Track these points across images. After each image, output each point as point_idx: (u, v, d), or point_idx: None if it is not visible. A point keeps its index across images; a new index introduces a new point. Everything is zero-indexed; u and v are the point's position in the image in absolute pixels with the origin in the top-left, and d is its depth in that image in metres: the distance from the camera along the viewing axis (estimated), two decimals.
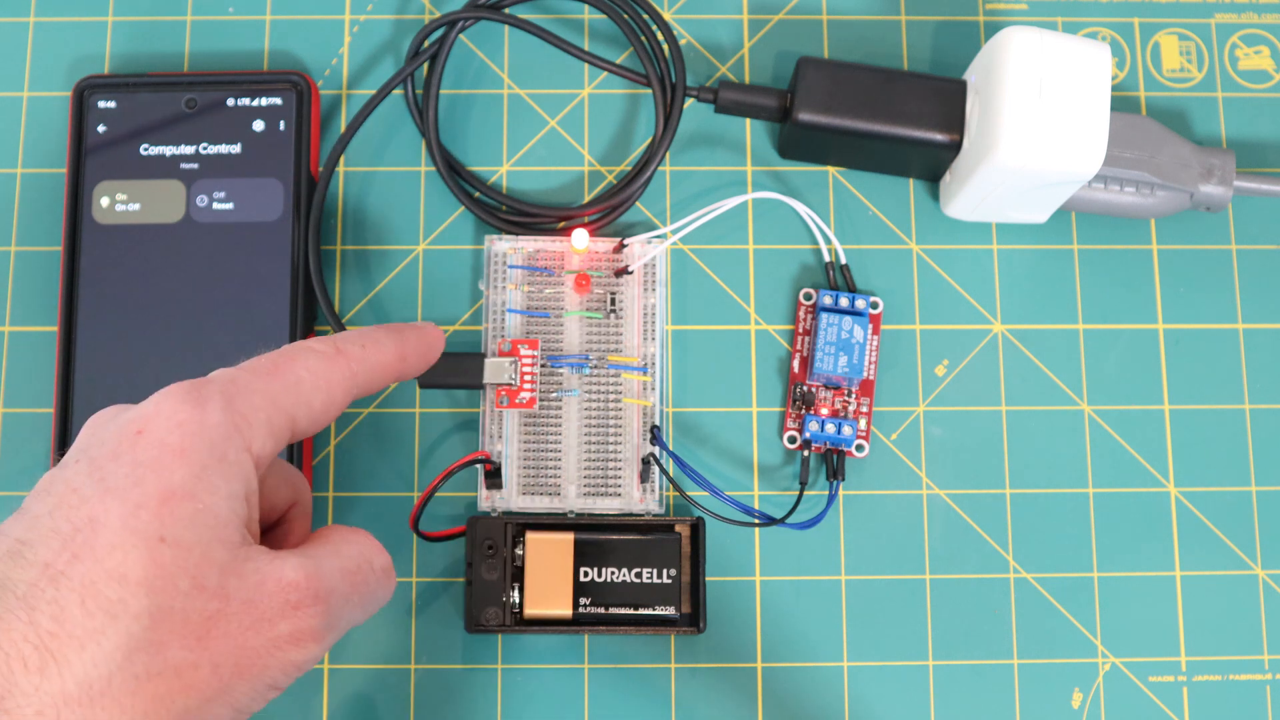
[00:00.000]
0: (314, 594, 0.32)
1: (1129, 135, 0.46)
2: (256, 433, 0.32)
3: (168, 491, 0.30)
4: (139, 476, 0.30)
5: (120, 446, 0.31)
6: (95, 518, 0.30)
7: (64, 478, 0.31)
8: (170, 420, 0.31)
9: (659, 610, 0.43)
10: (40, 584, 0.29)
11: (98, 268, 0.46)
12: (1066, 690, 0.45)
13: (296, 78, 0.47)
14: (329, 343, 0.35)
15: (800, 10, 0.50)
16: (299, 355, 0.34)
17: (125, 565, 0.29)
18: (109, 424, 0.32)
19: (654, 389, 0.46)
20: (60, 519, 0.30)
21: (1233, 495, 0.47)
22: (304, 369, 0.34)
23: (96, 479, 0.30)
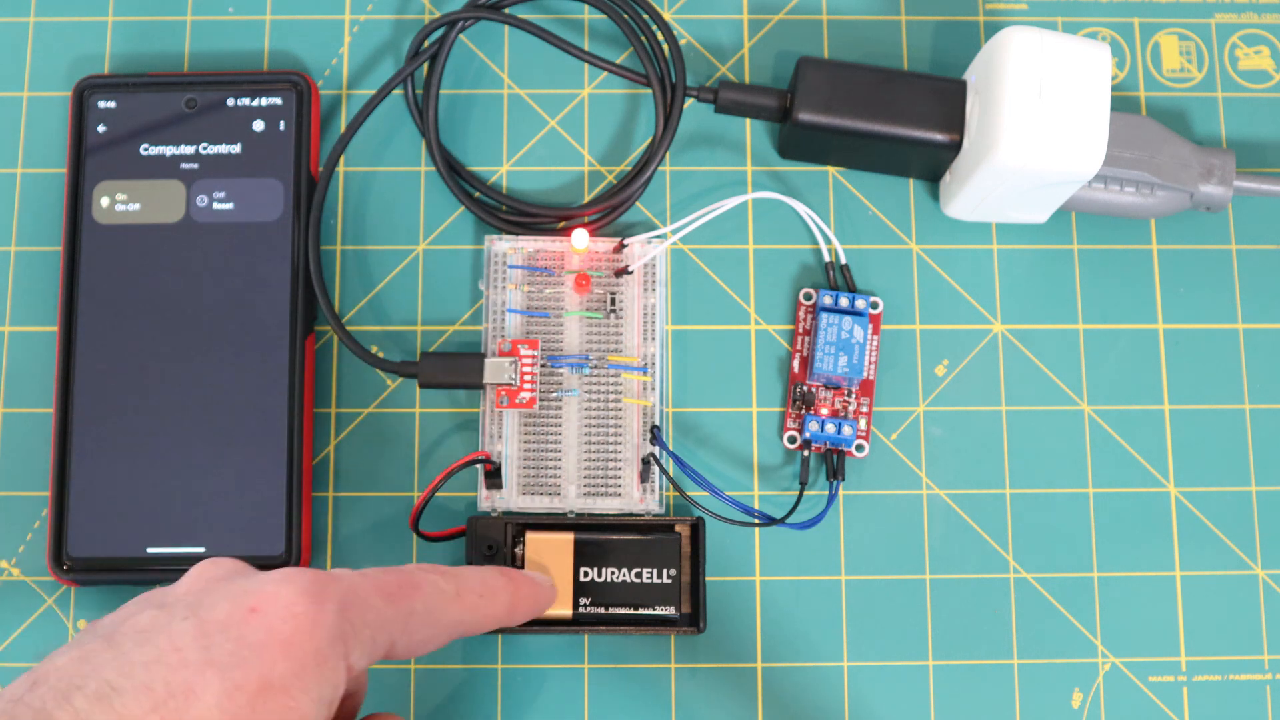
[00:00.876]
0: None
1: (1129, 135, 0.46)
2: (359, 648, 0.33)
3: (266, 681, 0.31)
4: (243, 657, 0.31)
5: (231, 619, 0.31)
6: (192, 688, 0.30)
7: (169, 631, 0.31)
8: (286, 609, 0.32)
9: (659, 610, 0.43)
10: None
11: (98, 268, 0.46)
12: (1066, 690, 0.45)
13: (296, 78, 0.47)
14: (452, 582, 0.36)
15: (800, 10, 0.50)
16: (422, 588, 0.35)
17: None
18: (224, 586, 0.33)
19: (654, 389, 0.46)
20: (156, 676, 0.30)
21: (1233, 495, 0.47)
22: (421, 603, 0.35)
23: (202, 645, 0.31)
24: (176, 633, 0.31)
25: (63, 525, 0.44)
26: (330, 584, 0.33)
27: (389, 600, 0.34)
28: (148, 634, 0.31)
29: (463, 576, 0.37)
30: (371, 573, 0.35)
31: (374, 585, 0.34)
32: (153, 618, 0.32)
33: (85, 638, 0.32)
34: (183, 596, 0.33)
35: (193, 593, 0.33)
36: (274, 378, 0.45)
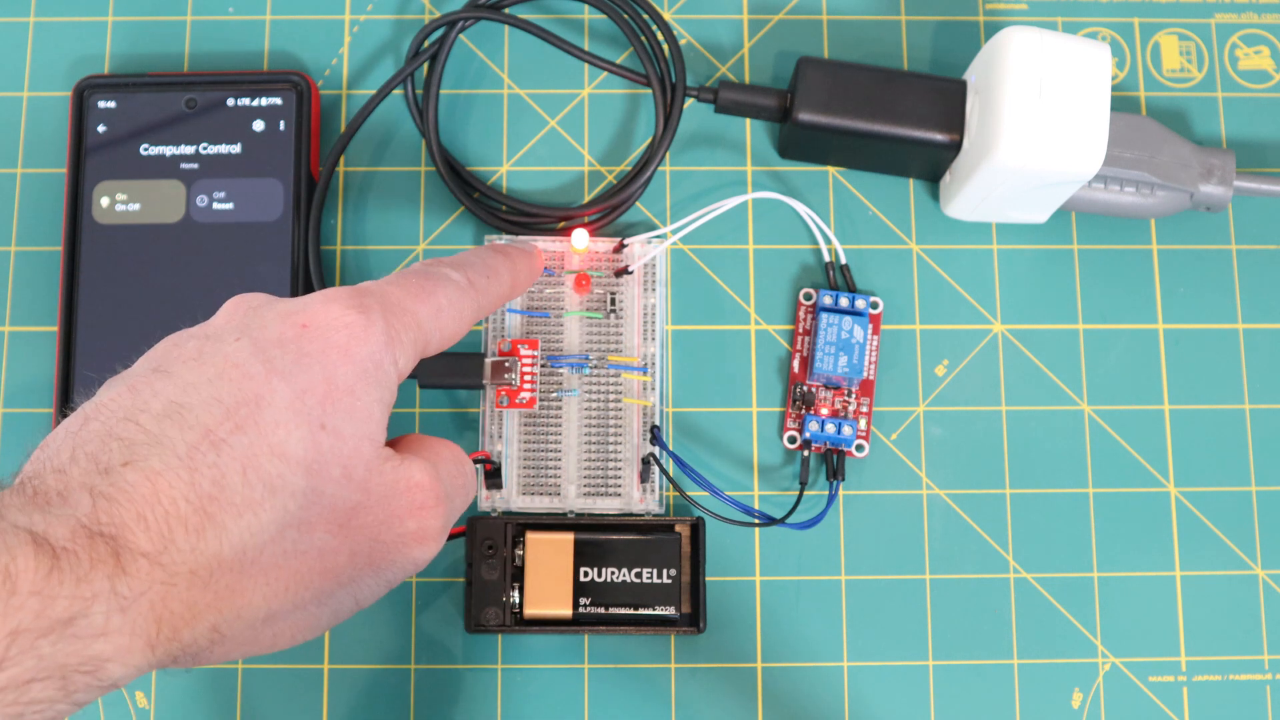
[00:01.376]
0: (437, 496, 0.34)
1: (1129, 135, 0.46)
2: (404, 350, 0.34)
3: (331, 384, 0.32)
4: (306, 365, 0.31)
5: (285, 334, 0.32)
6: (261, 395, 0.30)
7: (222, 351, 0.31)
8: (337, 321, 0.32)
9: (659, 610, 0.43)
10: (201, 447, 0.29)
11: (98, 268, 0.46)
12: (1066, 690, 0.45)
13: (296, 78, 0.47)
14: (461, 272, 0.37)
15: (800, 10, 0.50)
16: (441, 283, 0.36)
17: (288, 444, 0.30)
18: (266, 310, 0.33)
19: (654, 389, 0.46)
20: (223, 389, 0.30)
21: (1233, 495, 0.47)
22: (444, 297, 0.36)
23: (262, 359, 0.31)
24: (232, 351, 0.31)
25: None
26: (369, 295, 0.34)
27: (419, 301, 0.35)
28: (201, 358, 0.31)
29: (468, 265, 0.38)
30: (395, 279, 0.36)
31: (404, 290, 0.35)
32: (199, 346, 0.32)
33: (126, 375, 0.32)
34: (225, 325, 0.33)
35: (233, 320, 0.33)
36: None
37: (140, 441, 0.29)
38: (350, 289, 0.34)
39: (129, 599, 0.28)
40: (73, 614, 0.27)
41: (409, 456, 0.34)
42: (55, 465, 0.29)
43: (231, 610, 0.30)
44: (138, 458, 0.29)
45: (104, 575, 0.27)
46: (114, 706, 0.44)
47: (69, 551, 0.27)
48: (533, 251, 0.43)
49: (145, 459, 0.29)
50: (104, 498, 0.28)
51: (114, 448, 0.29)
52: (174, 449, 0.29)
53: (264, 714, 0.44)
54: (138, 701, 0.44)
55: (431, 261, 0.38)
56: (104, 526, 0.28)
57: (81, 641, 0.27)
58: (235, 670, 0.44)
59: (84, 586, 0.27)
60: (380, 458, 0.33)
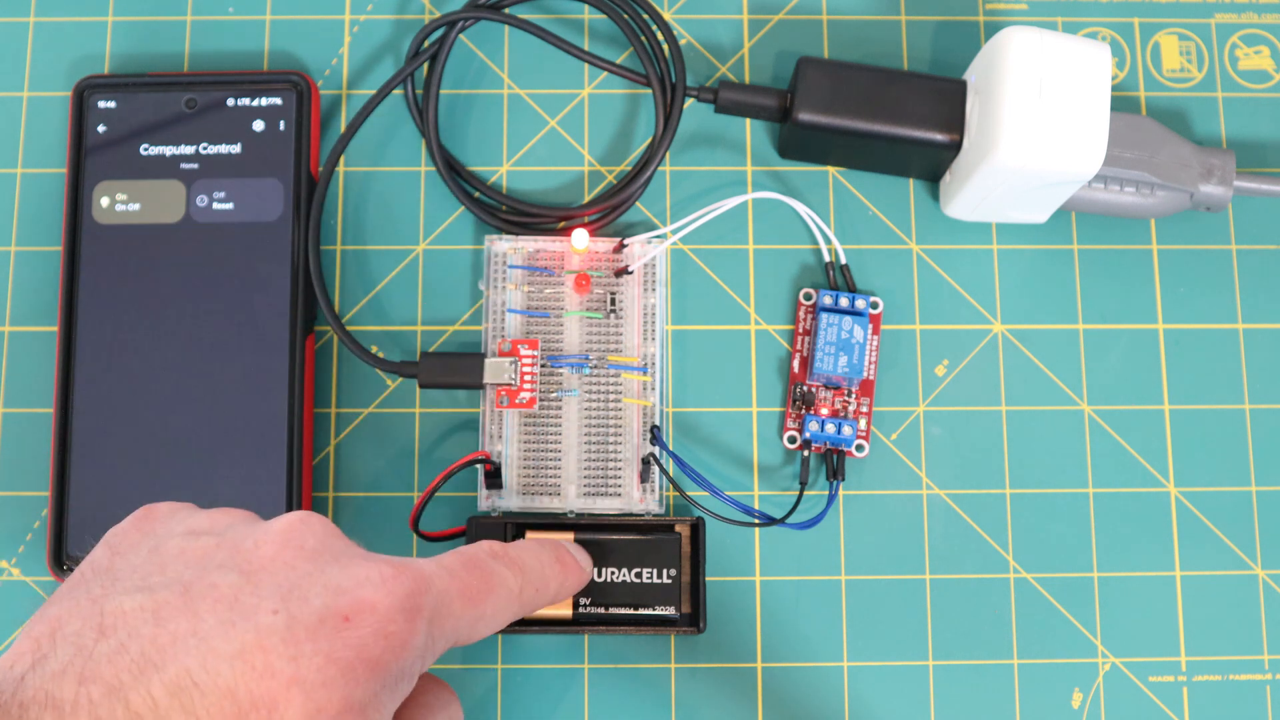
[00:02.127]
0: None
1: (1129, 135, 0.46)
2: (436, 653, 0.33)
3: (348, 704, 0.30)
4: (329, 677, 0.30)
5: (323, 625, 0.30)
6: (275, 703, 0.29)
7: (255, 622, 0.30)
8: (381, 627, 0.31)
9: (659, 610, 0.43)
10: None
11: (98, 268, 0.46)
12: (1066, 690, 0.45)
13: (296, 78, 0.47)
14: (518, 578, 0.36)
15: (800, 10, 0.50)
16: (496, 589, 0.35)
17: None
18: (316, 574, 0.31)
19: (654, 389, 0.46)
20: (240, 681, 0.29)
21: (1233, 495, 0.47)
22: (493, 606, 0.35)
23: (290, 655, 0.29)
24: (264, 628, 0.30)
25: (63, 525, 0.44)
26: (423, 595, 0.32)
27: (470, 606, 0.34)
28: (232, 615, 0.30)
29: (526, 569, 0.37)
30: (456, 569, 0.34)
31: (460, 589, 0.33)
32: (236, 590, 0.30)
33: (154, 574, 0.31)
34: (268, 568, 0.31)
35: (280, 567, 0.31)
36: (274, 378, 0.45)
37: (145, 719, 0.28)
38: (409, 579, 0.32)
39: None
40: None
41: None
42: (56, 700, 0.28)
43: None
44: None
45: None
46: None
47: None
48: (587, 569, 0.41)
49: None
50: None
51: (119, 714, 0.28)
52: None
53: None
54: None
55: (496, 552, 0.36)
56: None
57: None
58: None
59: None
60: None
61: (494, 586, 0.35)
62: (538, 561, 0.38)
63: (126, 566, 0.31)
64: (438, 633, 0.32)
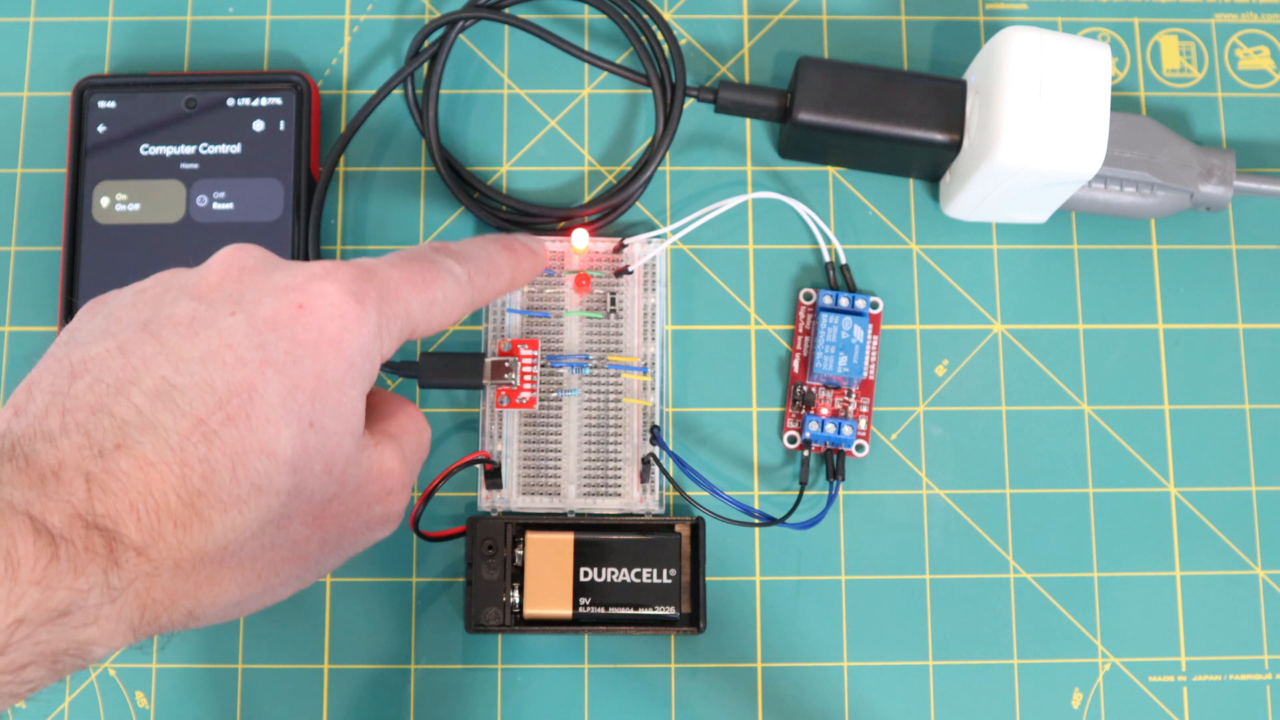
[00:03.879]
0: (404, 482, 0.35)
1: (1129, 135, 0.46)
2: (391, 340, 0.34)
3: (322, 380, 0.31)
4: (298, 356, 0.31)
5: (281, 316, 0.32)
6: (254, 385, 0.30)
7: (216, 326, 0.31)
8: (334, 309, 0.32)
9: (659, 610, 0.43)
10: (193, 438, 0.29)
11: (98, 268, 0.46)
12: (1066, 690, 0.45)
13: (296, 78, 0.47)
14: (464, 267, 0.37)
15: (800, 10, 0.50)
16: (442, 276, 0.36)
17: (277, 442, 0.30)
18: (263, 279, 0.33)
19: (654, 389, 0.46)
20: (215, 373, 0.30)
21: (1233, 495, 0.47)
22: (441, 291, 0.36)
23: (256, 344, 0.31)
24: (226, 329, 0.31)
25: None
26: (368, 279, 0.33)
27: (417, 290, 0.35)
28: (194, 328, 0.31)
29: (473, 259, 0.38)
30: (398, 261, 0.35)
31: (404, 276, 0.35)
32: (192, 310, 0.32)
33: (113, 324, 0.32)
34: (219, 288, 0.33)
35: (228, 284, 0.33)
36: None
37: (133, 423, 0.29)
38: (351, 268, 0.33)
39: (118, 590, 0.28)
40: (70, 605, 0.27)
41: (382, 440, 0.34)
42: (44, 430, 0.29)
43: (208, 597, 0.31)
44: (130, 442, 0.29)
45: (98, 568, 0.28)
46: (114, 706, 0.44)
47: (67, 541, 0.27)
48: (539, 250, 0.42)
49: (138, 444, 0.29)
50: (98, 484, 0.28)
51: (106, 425, 0.29)
52: (166, 437, 0.29)
53: (264, 714, 0.44)
54: (138, 701, 0.44)
55: (438, 246, 0.38)
56: (99, 518, 0.28)
57: (74, 629, 0.28)
58: (235, 670, 0.44)
59: (80, 579, 0.27)
60: (358, 448, 0.33)
61: (439, 273, 0.36)
62: (484, 251, 0.39)
63: (85, 330, 0.33)
64: (390, 314, 0.34)
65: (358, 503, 0.34)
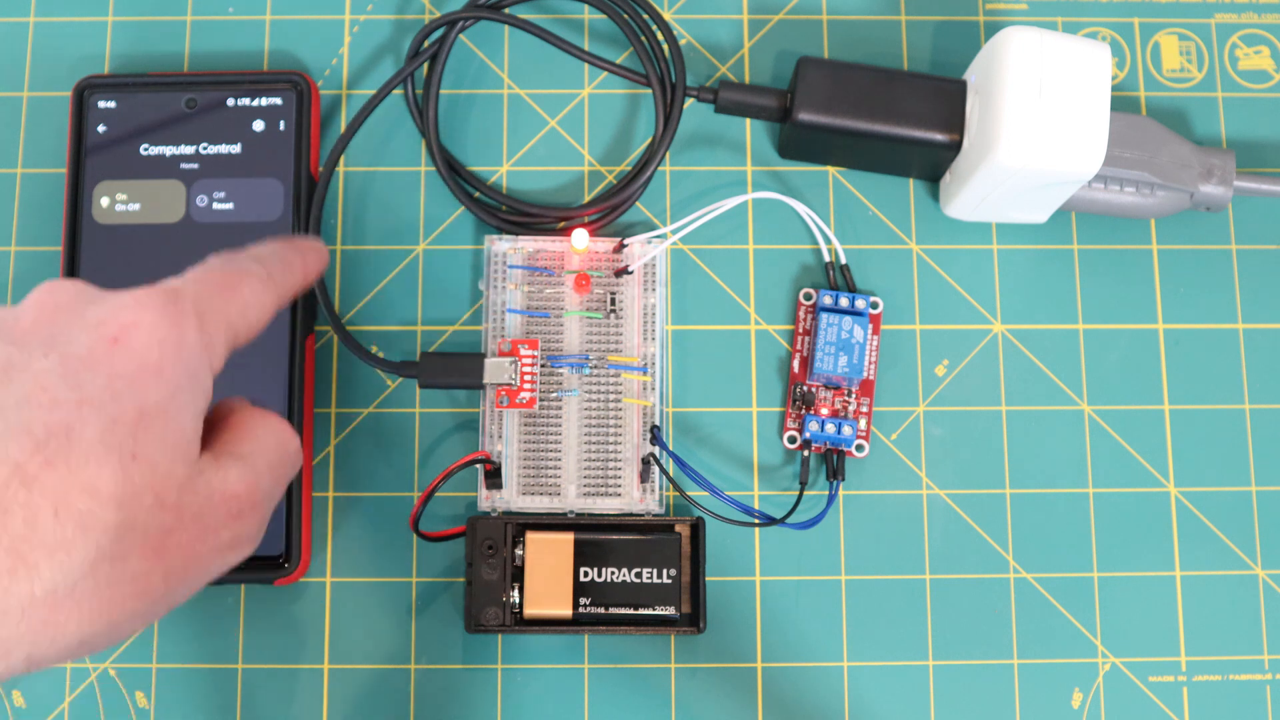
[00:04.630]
0: (253, 503, 0.34)
1: (1129, 135, 0.46)
2: (218, 352, 0.34)
3: (143, 409, 0.31)
4: (116, 390, 0.31)
5: (95, 353, 0.31)
6: (70, 427, 0.30)
7: (31, 370, 0.30)
8: (150, 336, 0.32)
9: (659, 610, 0.43)
10: (13, 485, 0.29)
11: (98, 268, 0.46)
12: (1066, 690, 0.45)
13: (296, 78, 0.47)
14: (260, 265, 0.36)
15: (800, 10, 0.50)
16: (244, 278, 0.35)
17: (99, 479, 0.30)
18: (74, 317, 0.32)
19: (654, 389, 0.46)
20: (33, 417, 0.29)
21: (1233, 495, 0.47)
22: (249, 292, 0.35)
23: (71, 384, 0.30)
24: (40, 372, 0.30)
25: None
26: (180, 299, 0.33)
27: (227, 298, 0.34)
28: (9, 374, 0.30)
29: (265, 258, 0.37)
30: (201, 277, 0.35)
31: (211, 288, 0.34)
32: (7, 355, 0.31)
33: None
34: (31, 330, 0.32)
35: (41, 325, 0.32)
36: (274, 378, 0.45)
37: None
38: (160, 292, 0.33)
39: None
40: None
41: (224, 461, 0.33)
42: None
43: (45, 641, 0.30)
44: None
45: None
46: (114, 706, 0.44)
47: None
48: (318, 245, 0.41)
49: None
50: None
51: None
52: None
53: (264, 714, 0.44)
54: (138, 701, 0.44)
55: (228, 255, 0.37)
56: None
57: None
58: (235, 670, 0.44)
59: None
60: (193, 473, 0.32)
61: (240, 275, 0.35)
62: (271, 250, 0.38)
63: None
64: (210, 327, 0.33)
65: (201, 530, 0.32)
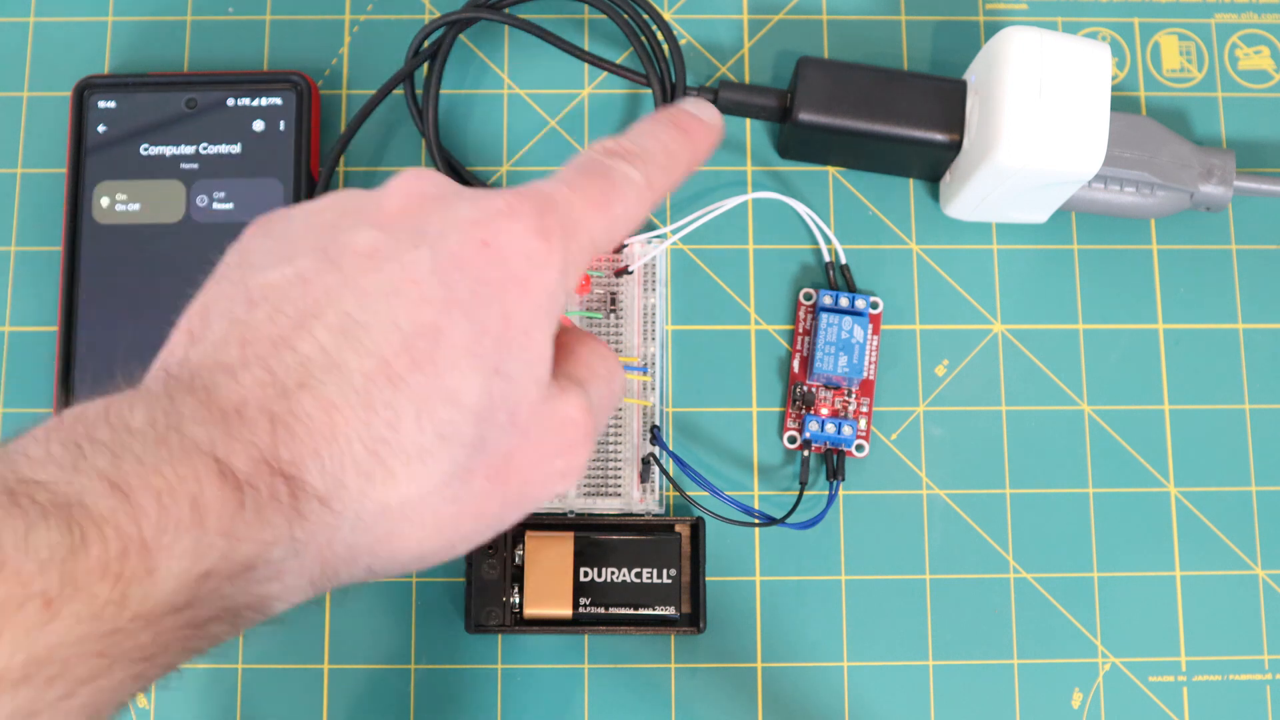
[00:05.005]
0: (588, 432, 0.32)
1: (1129, 135, 0.46)
2: (576, 274, 0.32)
3: (508, 323, 0.30)
4: (484, 296, 0.29)
5: (465, 250, 0.30)
6: (439, 327, 0.29)
7: (400, 260, 0.29)
8: (520, 248, 0.30)
9: (659, 610, 0.43)
10: (378, 381, 0.28)
11: (98, 268, 0.46)
12: (1066, 690, 0.45)
13: (296, 78, 0.47)
14: (640, 169, 0.34)
15: (800, 10, 0.50)
16: (622, 188, 0.33)
17: (462, 388, 0.29)
18: (445, 211, 0.31)
19: (654, 389, 0.46)
20: (400, 312, 0.28)
21: (1233, 495, 0.47)
22: (622, 206, 0.33)
23: (441, 281, 0.29)
24: (410, 263, 0.29)
25: None
26: (552, 214, 0.31)
27: (599, 213, 0.32)
28: (376, 260, 0.29)
29: (649, 156, 0.34)
30: (576, 181, 0.32)
31: (585, 200, 0.32)
32: (373, 240, 0.30)
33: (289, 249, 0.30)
34: (400, 218, 0.31)
35: (410, 214, 0.31)
36: None
37: (316, 361, 0.28)
38: (534, 200, 0.31)
39: (302, 543, 0.27)
40: (255, 559, 0.26)
41: (568, 387, 0.32)
42: (224, 362, 0.28)
43: (387, 553, 0.29)
44: (314, 381, 0.27)
45: (283, 519, 0.27)
46: None
47: (252, 488, 0.26)
48: (712, 120, 0.36)
49: (322, 385, 0.27)
50: (283, 426, 0.27)
51: (289, 362, 0.28)
52: (350, 380, 0.28)
53: (264, 714, 0.44)
54: (138, 702, 0.44)
55: (611, 149, 0.34)
56: (284, 465, 0.27)
57: (258, 584, 0.27)
58: (235, 670, 0.44)
59: (266, 530, 0.26)
60: (544, 397, 0.31)
61: (618, 185, 0.33)
62: (658, 143, 0.35)
63: (259, 252, 0.31)
64: (574, 246, 0.31)
65: (539, 456, 0.31)
